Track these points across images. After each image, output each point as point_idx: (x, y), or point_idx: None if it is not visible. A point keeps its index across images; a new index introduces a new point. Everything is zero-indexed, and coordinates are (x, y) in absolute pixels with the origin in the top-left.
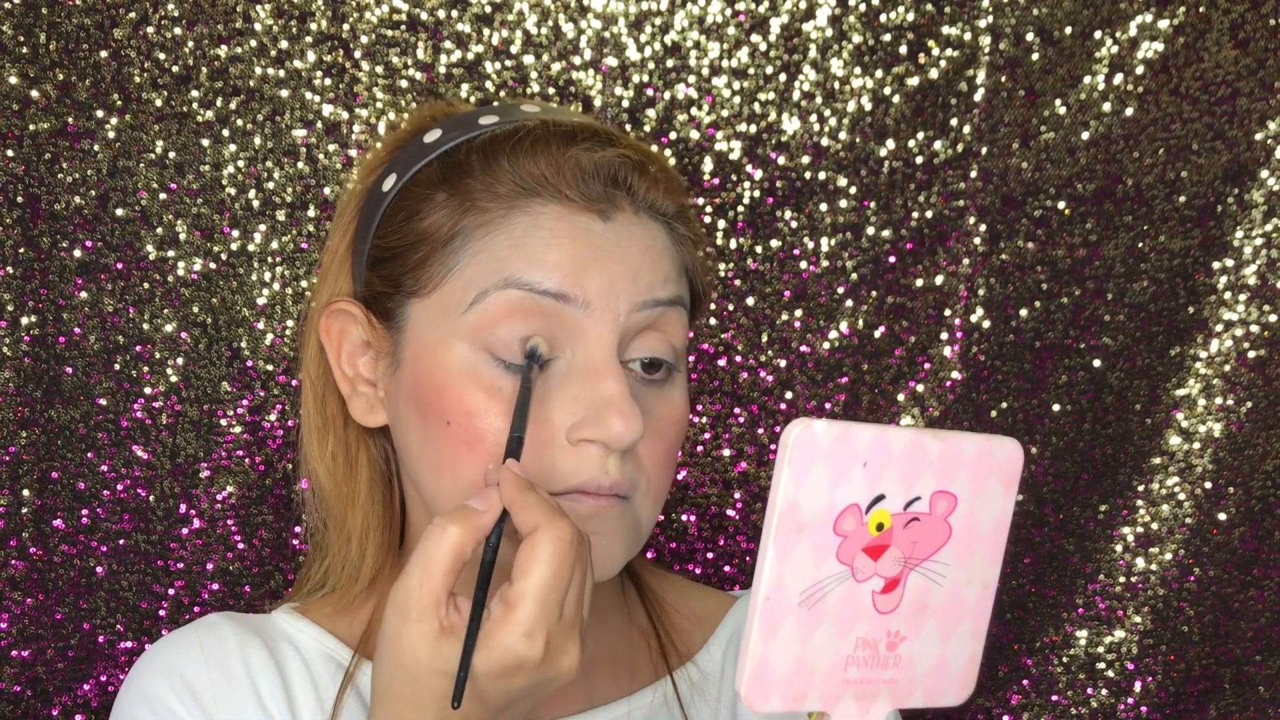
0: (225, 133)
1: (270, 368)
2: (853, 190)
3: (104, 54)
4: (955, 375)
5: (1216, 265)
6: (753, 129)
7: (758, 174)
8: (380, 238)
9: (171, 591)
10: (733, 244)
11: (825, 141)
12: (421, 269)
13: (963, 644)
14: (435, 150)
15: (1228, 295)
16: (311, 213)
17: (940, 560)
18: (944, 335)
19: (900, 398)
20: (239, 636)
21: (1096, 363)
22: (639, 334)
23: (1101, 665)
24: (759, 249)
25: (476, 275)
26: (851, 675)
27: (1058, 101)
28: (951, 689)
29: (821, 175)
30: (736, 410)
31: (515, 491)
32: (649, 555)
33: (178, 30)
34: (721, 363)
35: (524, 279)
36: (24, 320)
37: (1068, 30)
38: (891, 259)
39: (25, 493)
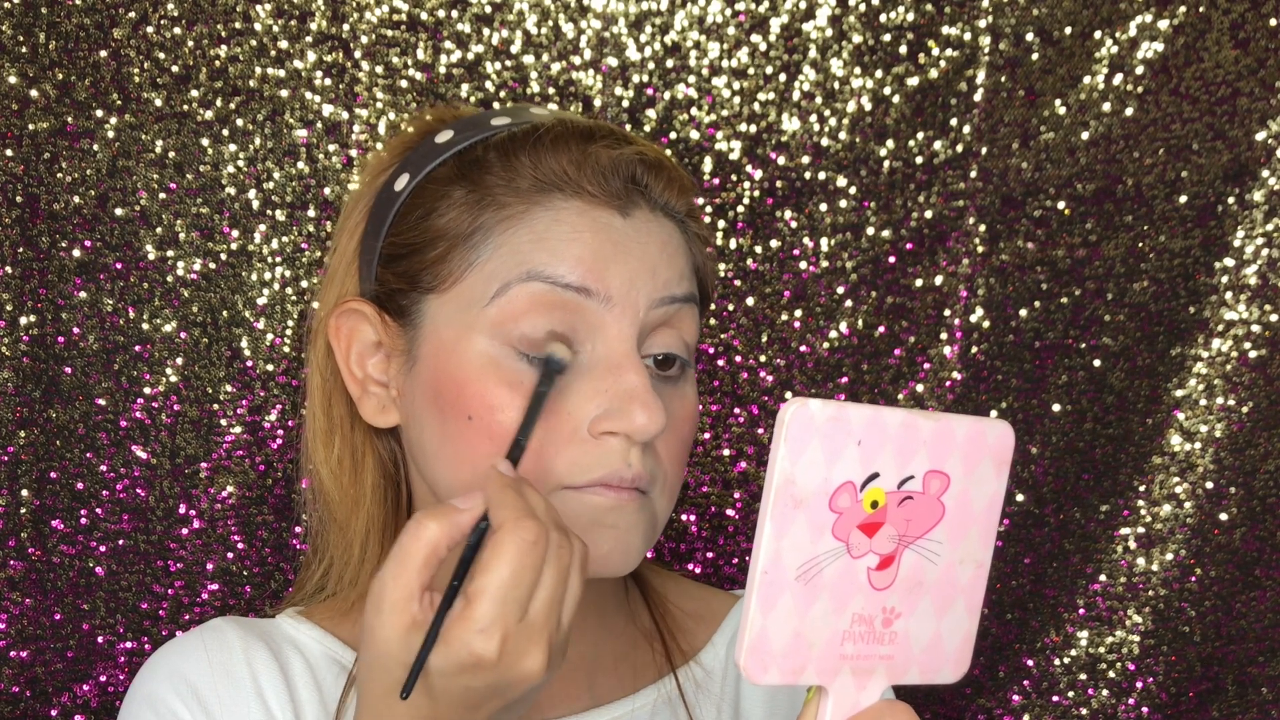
0: (225, 132)
1: (270, 368)
2: (853, 190)
3: (103, 54)
4: (955, 375)
5: (1217, 265)
6: (753, 129)
7: (758, 174)
8: (394, 235)
9: (171, 592)
10: (733, 244)
11: (825, 141)
12: (440, 264)
13: (957, 622)
14: (449, 150)
15: (1229, 295)
16: (311, 213)
17: (934, 538)
18: (944, 335)
19: (900, 398)
20: (243, 640)
21: (1097, 363)
22: (655, 330)
23: (1103, 666)
24: (759, 249)
25: (498, 269)
26: (848, 650)
27: (1058, 101)
28: (947, 666)
29: (821, 175)
30: (736, 410)
31: (495, 489)
32: (649, 555)
33: (177, 30)
34: (721, 363)
35: (546, 272)
36: (23, 320)
37: (1067, 30)
38: (891, 259)
39: (24, 493)
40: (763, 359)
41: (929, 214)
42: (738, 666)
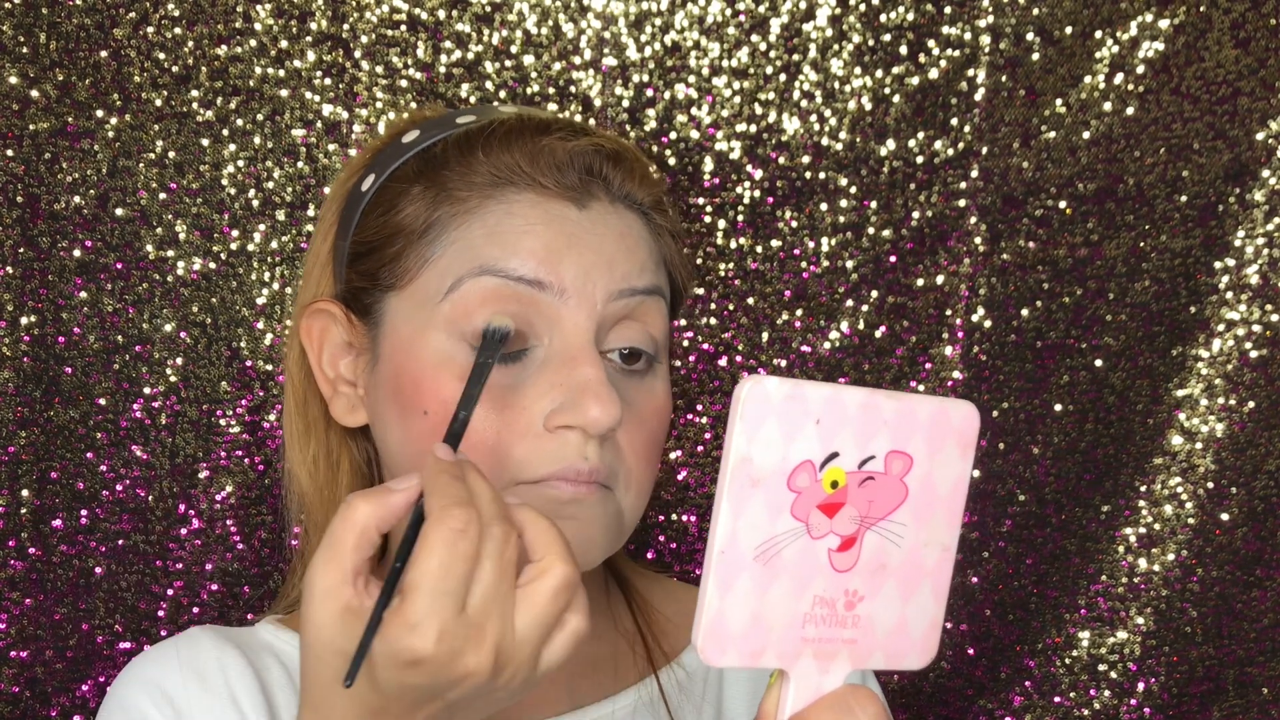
0: (225, 132)
1: (269, 368)
2: (853, 190)
3: (104, 54)
4: (956, 375)
5: (1218, 265)
6: (753, 129)
7: (758, 174)
8: (358, 234)
9: (170, 592)
10: (733, 244)
11: (825, 141)
12: (398, 261)
13: (923, 607)
14: (414, 148)
15: (1229, 295)
16: (311, 212)
17: (897, 520)
18: (945, 335)
19: None
20: (218, 648)
21: (1098, 363)
22: (617, 324)
23: (1104, 666)
24: (759, 249)
25: (452, 264)
26: (810, 633)
27: (1058, 101)
28: (913, 652)
29: (822, 175)
30: None
31: (430, 474)
32: (649, 555)
33: (178, 30)
34: (722, 363)
35: (499, 266)
36: (23, 320)
37: (1068, 30)
38: (892, 259)
39: (24, 493)
40: (763, 359)
41: (930, 213)
42: (695, 648)
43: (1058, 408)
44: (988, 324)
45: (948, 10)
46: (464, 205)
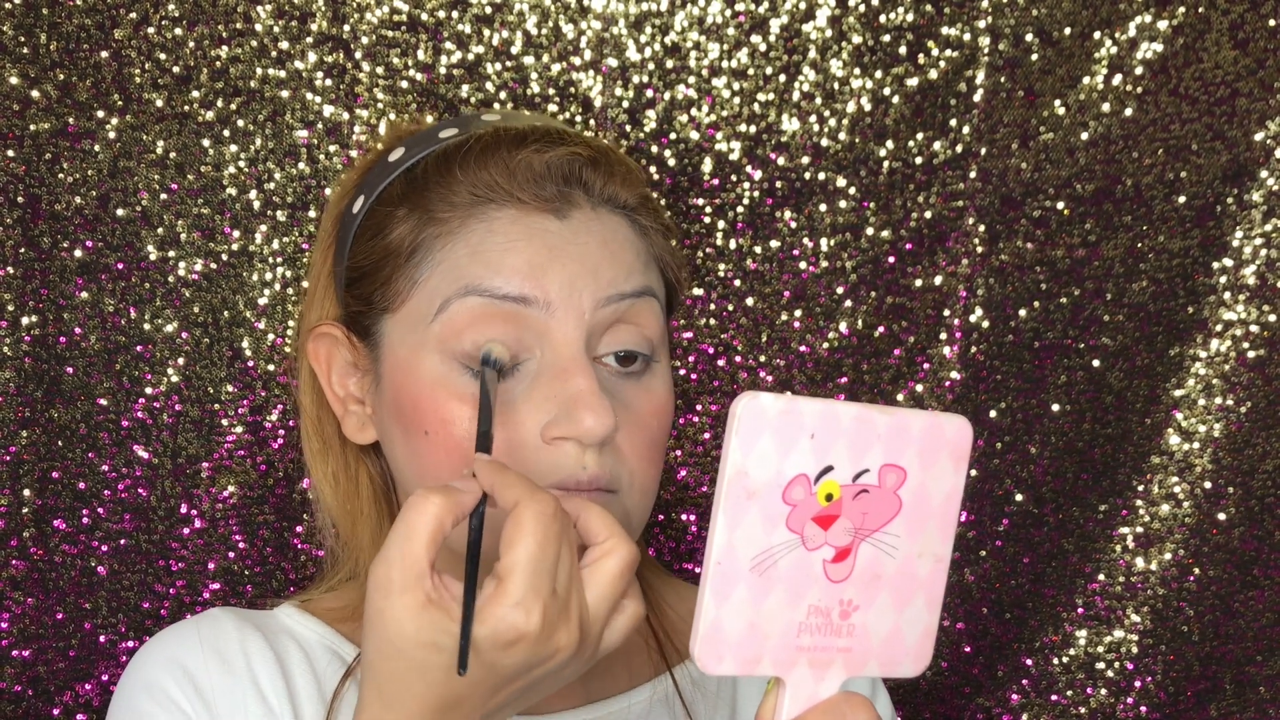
0: (226, 133)
1: (271, 368)
2: (852, 190)
3: (104, 54)
4: (954, 375)
5: (1216, 265)
6: (753, 129)
7: (757, 174)
8: (352, 258)
9: (173, 591)
10: (733, 244)
11: (825, 142)
12: (389, 284)
13: (917, 615)
14: (398, 168)
15: (1227, 295)
16: (312, 213)
17: (891, 532)
18: (943, 335)
19: (900, 398)
20: (239, 629)
21: (1096, 363)
22: (609, 328)
23: (1101, 665)
24: (759, 249)
25: (439, 286)
26: (805, 642)
27: (1057, 102)
28: (907, 660)
29: (821, 175)
30: None
31: (493, 473)
32: (649, 554)
33: (178, 30)
34: (721, 363)
35: (483, 285)
36: (25, 320)
37: (1067, 31)
38: (891, 259)
39: (26, 492)
40: (763, 359)
41: (928, 214)
42: (691, 656)
43: (1055, 408)
44: (986, 324)
45: (947, 11)
46: (446, 226)
